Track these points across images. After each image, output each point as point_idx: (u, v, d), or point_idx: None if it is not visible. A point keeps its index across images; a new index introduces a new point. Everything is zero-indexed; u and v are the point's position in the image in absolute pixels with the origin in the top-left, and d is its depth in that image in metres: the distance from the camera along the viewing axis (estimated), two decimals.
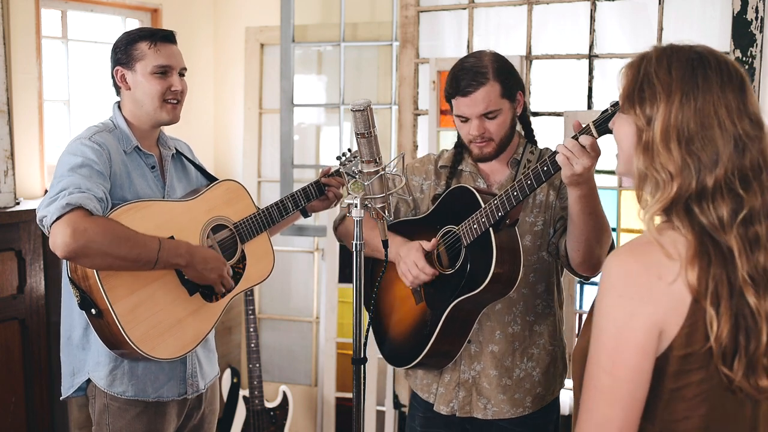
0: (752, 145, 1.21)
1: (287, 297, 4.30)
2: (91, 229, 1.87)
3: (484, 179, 2.18)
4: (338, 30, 3.98)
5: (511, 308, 2.13)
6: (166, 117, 2.14)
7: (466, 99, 2.05)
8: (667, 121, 1.22)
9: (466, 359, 2.15)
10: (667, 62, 1.25)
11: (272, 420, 3.85)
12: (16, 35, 3.30)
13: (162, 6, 3.93)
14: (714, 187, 1.20)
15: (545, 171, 1.86)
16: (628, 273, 1.21)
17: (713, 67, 1.24)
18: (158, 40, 2.11)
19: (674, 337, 1.20)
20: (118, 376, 2.10)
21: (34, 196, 3.40)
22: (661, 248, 1.21)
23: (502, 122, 2.08)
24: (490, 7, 3.33)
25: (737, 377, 1.19)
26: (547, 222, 2.13)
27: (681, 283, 1.19)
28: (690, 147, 1.21)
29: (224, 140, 4.31)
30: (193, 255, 2.05)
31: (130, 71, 2.11)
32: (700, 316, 1.19)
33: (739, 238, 1.19)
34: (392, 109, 3.85)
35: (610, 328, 1.21)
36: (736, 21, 2.78)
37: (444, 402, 2.17)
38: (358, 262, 1.72)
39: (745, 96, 1.23)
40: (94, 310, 1.96)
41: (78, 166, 1.96)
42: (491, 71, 2.05)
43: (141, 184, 2.11)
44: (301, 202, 2.35)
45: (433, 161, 2.28)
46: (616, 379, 1.21)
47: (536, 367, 2.15)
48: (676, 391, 1.22)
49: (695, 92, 1.22)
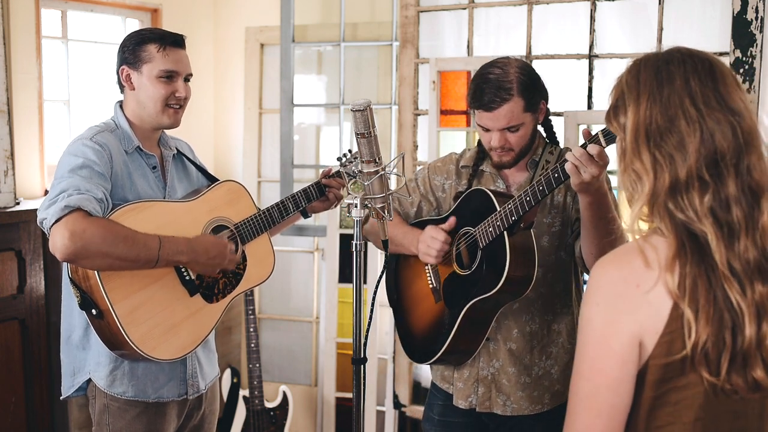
0: (722, 133, 1.17)
1: (287, 297, 4.30)
2: (90, 231, 1.86)
3: (503, 180, 2.22)
4: (338, 30, 3.97)
5: (529, 307, 2.16)
6: (167, 121, 2.15)
7: (489, 114, 2.06)
8: (635, 123, 1.22)
9: (484, 356, 2.19)
10: (636, 70, 1.26)
11: (272, 420, 3.85)
12: (16, 35, 3.30)
13: (162, 6, 3.93)
14: (687, 179, 1.17)
15: (556, 178, 1.90)
16: (608, 282, 1.21)
17: (676, 61, 1.23)
18: (168, 44, 2.11)
19: (654, 345, 1.17)
20: (118, 377, 2.09)
21: (34, 196, 3.40)
22: (642, 255, 1.19)
23: (523, 134, 2.11)
24: (490, 7, 3.33)
25: (721, 379, 1.15)
26: (565, 223, 2.16)
27: (660, 290, 1.16)
28: (659, 144, 1.19)
29: (224, 140, 4.31)
30: (194, 249, 2.04)
31: (136, 72, 2.11)
32: (681, 323, 1.15)
33: (715, 226, 1.16)
34: (392, 109, 3.85)
35: (590, 337, 1.21)
36: (736, 21, 2.78)
37: (462, 397, 2.22)
38: (358, 262, 1.74)
39: (716, 83, 1.20)
40: (94, 310, 1.96)
41: (78, 168, 1.96)
42: (516, 86, 2.04)
43: (142, 185, 2.11)
44: (301, 203, 2.35)
45: (455, 161, 2.31)
46: (595, 387, 1.20)
47: (555, 365, 2.19)
48: (657, 398, 1.20)
49: (660, 89, 1.21)
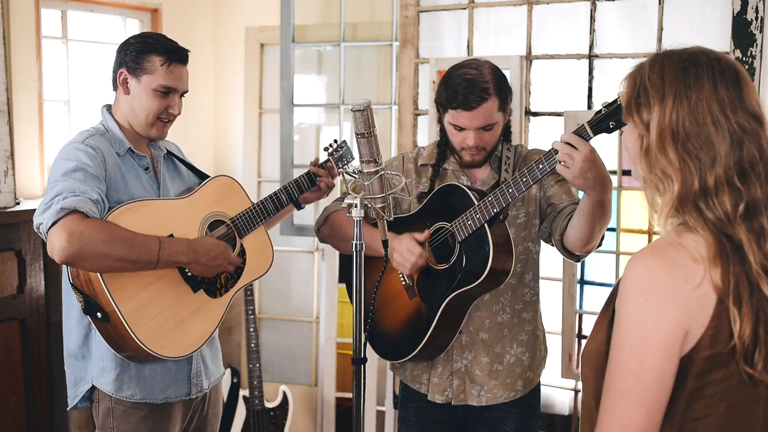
0: (749, 140, 1.22)
1: (287, 297, 4.30)
2: (88, 232, 1.86)
3: (468, 177, 2.24)
4: (338, 30, 3.97)
5: (499, 298, 2.21)
6: (154, 134, 2.16)
7: (468, 113, 2.07)
8: (661, 123, 1.24)
9: (457, 349, 2.22)
10: (659, 67, 1.28)
11: (272, 420, 3.85)
12: (16, 35, 3.30)
13: (162, 6, 3.93)
14: (716, 184, 1.21)
15: (541, 169, 1.94)
16: (653, 276, 1.22)
17: (704, 65, 1.25)
18: (174, 61, 2.11)
19: (699, 338, 1.21)
20: (125, 381, 2.08)
21: (34, 196, 3.40)
22: (685, 251, 1.22)
23: (495, 133, 2.15)
24: (490, 7, 3.33)
25: (757, 371, 1.21)
26: (530, 214, 2.21)
27: (706, 285, 1.21)
28: (686, 146, 1.22)
29: (224, 140, 4.31)
30: (194, 250, 2.04)
31: (135, 79, 2.10)
32: (725, 317, 1.20)
33: (746, 230, 1.21)
34: (392, 109, 3.85)
35: (635, 331, 1.22)
36: (736, 21, 2.78)
37: (438, 391, 2.24)
38: (358, 262, 1.75)
39: (741, 91, 1.24)
40: (99, 313, 1.95)
41: (72, 171, 1.95)
42: (492, 86, 2.07)
43: (136, 186, 2.10)
44: (294, 194, 2.36)
45: (412, 159, 2.32)
46: (641, 381, 1.21)
47: (526, 351, 2.25)
48: (696, 391, 1.23)
49: (687, 92, 1.23)
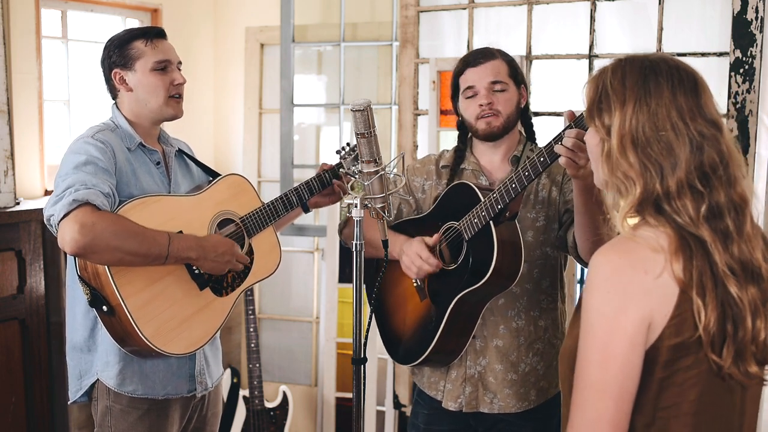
0: (709, 145, 1.26)
1: (287, 297, 4.30)
2: (100, 224, 1.86)
3: (486, 176, 2.20)
4: (338, 30, 3.97)
5: (515, 303, 2.15)
6: (171, 112, 2.16)
7: (476, 68, 2.13)
8: (622, 128, 1.28)
9: (471, 354, 2.17)
10: (621, 73, 1.31)
11: (272, 420, 3.85)
12: (16, 35, 3.30)
13: (162, 6, 3.93)
14: (678, 188, 1.25)
15: (542, 162, 1.89)
16: (614, 269, 1.25)
17: (664, 73, 1.29)
18: (153, 37, 2.13)
19: (663, 327, 1.23)
20: (128, 375, 2.09)
21: (34, 196, 3.40)
22: (644, 242, 1.25)
23: (509, 99, 2.14)
24: (490, 7, 3.33)
25: (726, 364, 1.23)
26: (550, 218, 2.15)
27: (667, 276, 1.23)
28: (647, 151, 1.26)
29: (224, 140, 4.31)
30: (203, 246, 2.04)
31: (130, 71, 2.11)
32: (688, 307, 1.23)
33: (710, 231, 1.24)
34: (392, 109, 3.85)
35: (599, 323, 1.24)
36: (736, 21, 2.78)
37: (452, 398, 2.19)
38: (358, 262, 1.74)
39: (699, 98, 1.28)
40: (105, 307, 1.95)
41: (82, 164, 1.96)
42: (498, 54, 2.18)
43: (147, 180, 2.11)
44: (305, 196, 2.35)
45: (434, 161, 2.29)
46: (607, 373, 1.23)
47: (541, 361, 2.18)
48: (665, 379, 1.25)
49: (647, 98, 1.27)
